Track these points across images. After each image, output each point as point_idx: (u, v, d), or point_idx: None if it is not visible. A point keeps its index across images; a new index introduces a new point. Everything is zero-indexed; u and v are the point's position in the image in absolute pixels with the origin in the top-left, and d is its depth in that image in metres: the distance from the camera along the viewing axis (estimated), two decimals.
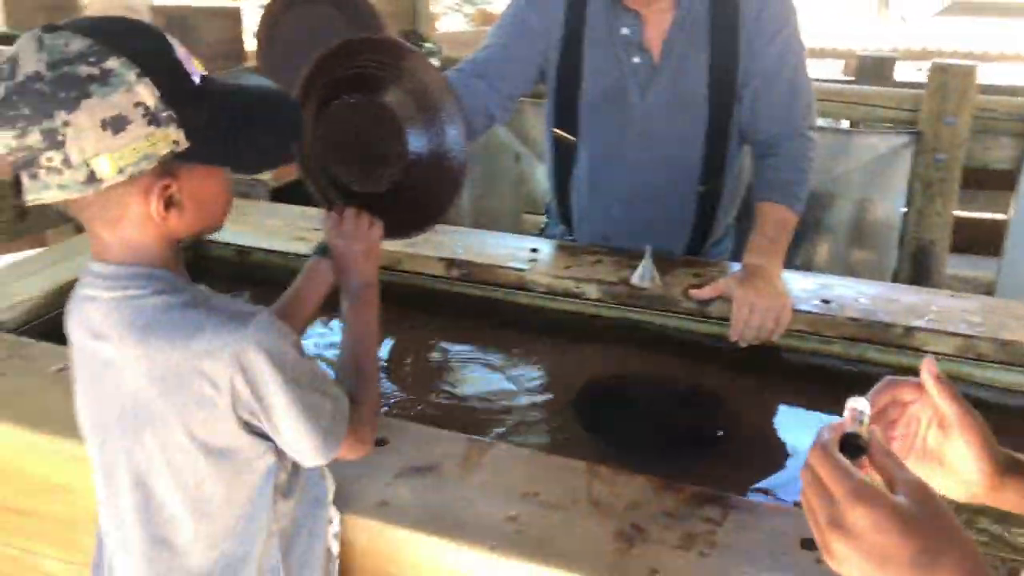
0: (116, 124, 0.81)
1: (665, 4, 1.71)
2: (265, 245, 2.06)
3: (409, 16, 3.28)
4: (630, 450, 1.44)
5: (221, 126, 0.90)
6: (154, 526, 0.97)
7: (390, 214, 1.27)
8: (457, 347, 1.79)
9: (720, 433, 1.55)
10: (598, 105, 1.83)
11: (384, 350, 1.71)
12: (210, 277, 1.08)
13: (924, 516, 0.61)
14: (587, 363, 1.71)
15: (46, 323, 1.63)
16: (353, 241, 1.19)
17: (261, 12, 2.96)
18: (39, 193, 0.83)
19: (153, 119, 0.83)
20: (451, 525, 1.09)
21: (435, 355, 1.78)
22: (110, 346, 0.92)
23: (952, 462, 0.76)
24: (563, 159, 1.94)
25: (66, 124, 0.80)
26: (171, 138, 0.85)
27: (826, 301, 1.68)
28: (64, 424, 1.25)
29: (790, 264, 1.74)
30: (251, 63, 3.12)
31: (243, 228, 2.09)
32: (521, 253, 1.90)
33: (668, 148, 1.82)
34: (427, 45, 3.18)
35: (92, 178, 0.83)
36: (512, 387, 1.63)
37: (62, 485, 1.31)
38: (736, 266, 1.76)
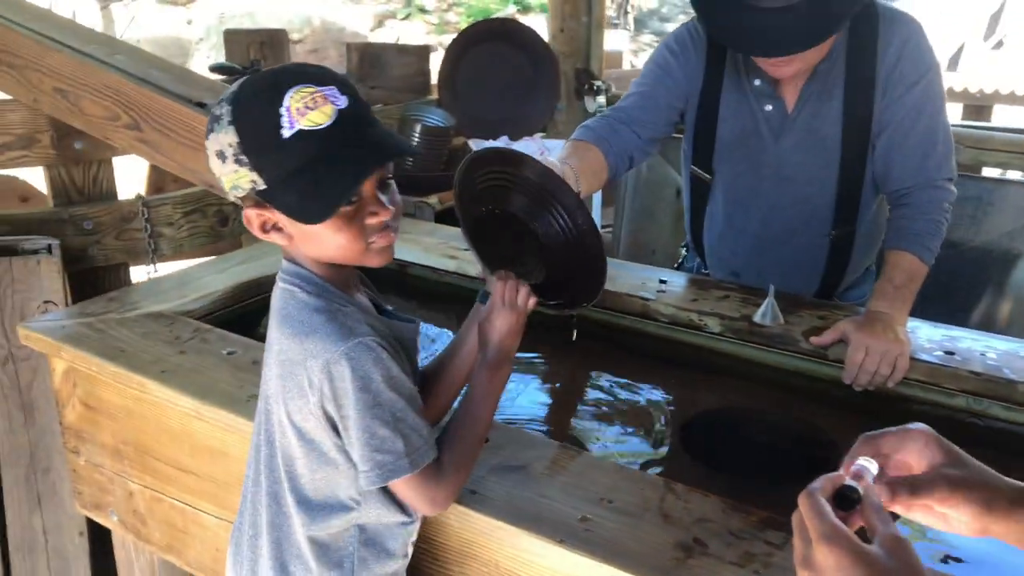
0: (221, 156, 1.03)
1: (804, 69, 1.76)
2: (422, 260, 2.27)
3: (583, 56, 3.44)
4: (733, 480, 1.49)
5: (289, 179, 1.01)
6: (272, 482, 1.16)
7: (548, 294, 1.29)
8: (576, 367, 1.91)
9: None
10: (733, 146, 1.91)
11: None
12: (376, 285, 1.26)
13: (891, 567, 0.65)
14: (700, 394, 1.78)
15: (226, 314, 1.91)
16: (505, 311, 1.19)
17: (444, 50, 3.23)
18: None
19: (237, 159, 1.02)
20: (530, 518, 1.20)
21: (553, 371, 1.91)
22: (271, 327, 1.14)
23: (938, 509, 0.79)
24: (698, 196, 2.03)
25: (207, 146, 1.05)
26: (249, 177, 1.02)
27: (950, 353, 1.66)
28: (227, 398, 1.50)
29: (964, 322, 1.73)
30: (434, 96, 3.39)
31: (404, 245, 2.31)
32: (651, 284, 1.99)
33: (800, 191, 1.86)
34: (597, 83, 3.33)
35: (224, 190, 1.07)
36: (623, 408, 1.72)
37: (220, 450, 1.54)
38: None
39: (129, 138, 2.05)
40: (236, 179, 1.03)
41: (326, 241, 1.07)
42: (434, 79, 3.40)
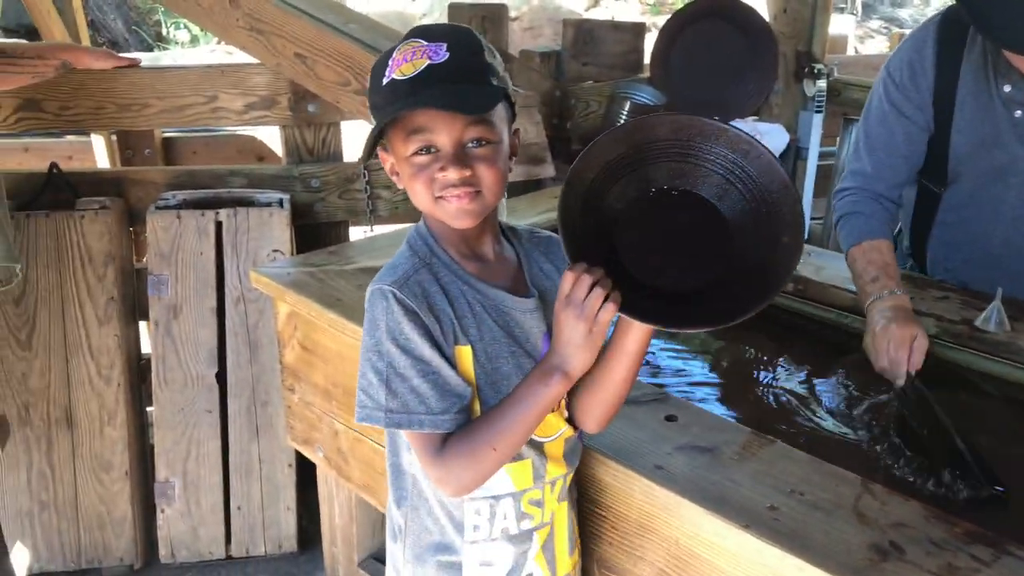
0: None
1: None
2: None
3: (806, 38, 3.29)
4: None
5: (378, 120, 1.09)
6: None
7: (681, 305, 1.04)
8: (773, 354, 1.85)
9: None
10: (972, 156, 1.79)
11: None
12: None
13: None
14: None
15: None
16: (573, 312, 1.01)
17: (660, 27, 3.19)
18: None
19: (370, 104, 1.12)
20: (715, 499, 1.19)
21: (749, 358, 1.86)
22: None
23: None
24: (924, 207, 1.93)
25: None
26: (375, 120, 1.09)
27: None
28: None
29: None
30: (646, 74, 3.36)
31: None
32: None
33: None
34: (818, 67, 3.18)
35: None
36: (818, 404, 1.66)
37: None
38: None
39: (357, 103, 2.19)
40: (373, 118, 1.12)
41: (408, 187, 1.11)
42: (647, 58, 3.37)
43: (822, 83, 3.14)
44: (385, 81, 1.07)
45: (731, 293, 1.04)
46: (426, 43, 1.06)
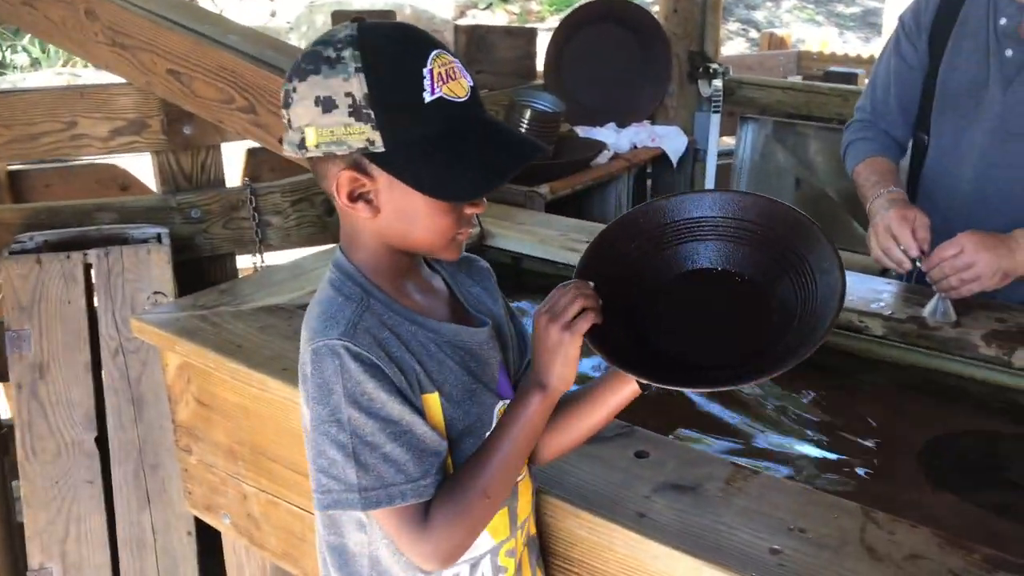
0: (326, 104, 0.87)
1: None
2: (539, 253, 2.14)
3: (697, 38, 3.26)
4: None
5: (422, 148, 0.89)
6: None
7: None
8: None
9: None
10: (957, 98, 1.75)
11: None
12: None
13: None
14: (859, 403, 1.60)
15: None
16: (552, 318, 0.93)
17: (552, 32, 3.09)
18: (284, 147, 0.94)
19: (355, 111, 0.87)
20: (710, 547, 1.05)
21: None
22: None
23: None
24: (916, 162, 1.89)
25: (295, 90, 0.89)
26: (366, 135, 0.87)
27: None
28: None
29: None
30: (540, 80, 3.25)
31: (519, 236, 2.18)
32: None
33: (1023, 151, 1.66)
34: (712, 66, 3.14)
35: (302, 144, 0.90)
36: (771, 420, 1.56)
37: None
38: None
39: (244, 122, 1.96)
40: (344, 134, 0.88)
41: (419, 222, 0.94)
42: (540, 63, 3.26)
43: (718, 83, 3.11)
44: (430, 98, 0.88)
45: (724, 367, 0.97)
46: (451, 57, 0.91)
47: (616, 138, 3.08)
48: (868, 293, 1.75)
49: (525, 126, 2.74)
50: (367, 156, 0.90)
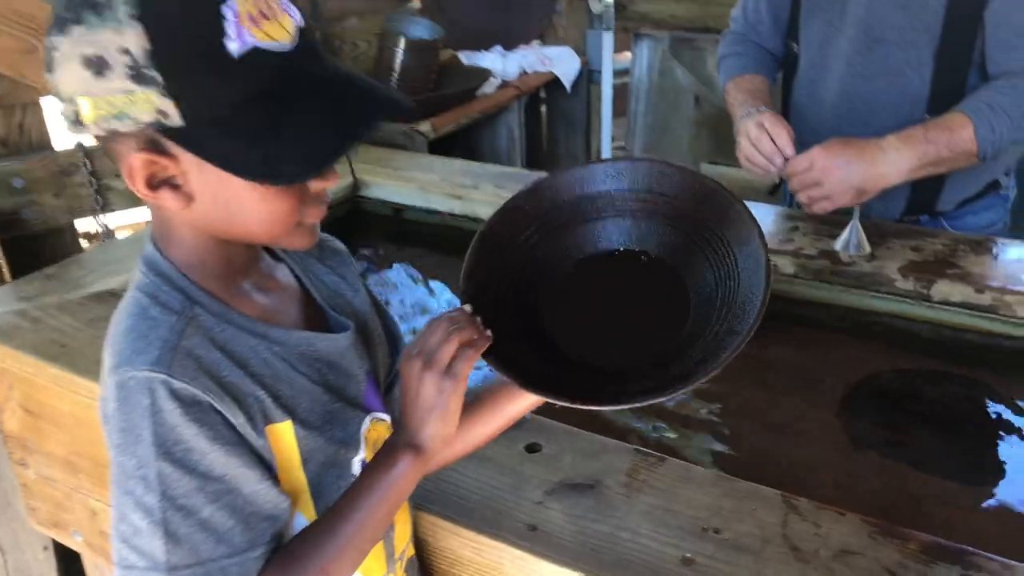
0: (98, 65, 0.64)
1: None
2: (422, 203, 1.92)
3: None
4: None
5: (231, 118, 0.67)
6: None
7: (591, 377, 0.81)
8: None
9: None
10: (818, 5, 1.60)
11: None
12: (366, 236, 0.92)
13: None
14: (771, 349, 1.46)
15: None
16: (424, 364, 0.75)
17: None
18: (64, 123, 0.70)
19: (136, 74, 0.64)
20: (613, 562, 0.90)
21: None
22: None
23: None
24: (787, 74, 1.74)
25: (55, 48, 0.65)
26: (154, 105, 0.65)
27: None
28: None
29: None
30: (415, 3, 2.97)
31: (398, 183, 1.96)
32: None
33: (890, 57, 1.50)
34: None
35: (77, 119, 0.67)
36: None
37: None
38: (1005, 243, 1.49)
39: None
40: (126, 104, 0.65)
41: (247, 211, 0.72)
42: None
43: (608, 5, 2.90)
44: (237, 49, 0.65)
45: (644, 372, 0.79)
46: None
47: (503, 64, 2.84)
48: (774, 227, 1.60)
49: (400, 57, 2.49)
50: (162, 131, 0.67)
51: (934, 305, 1.42)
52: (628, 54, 3.25)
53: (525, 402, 0.84)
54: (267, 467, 0.74)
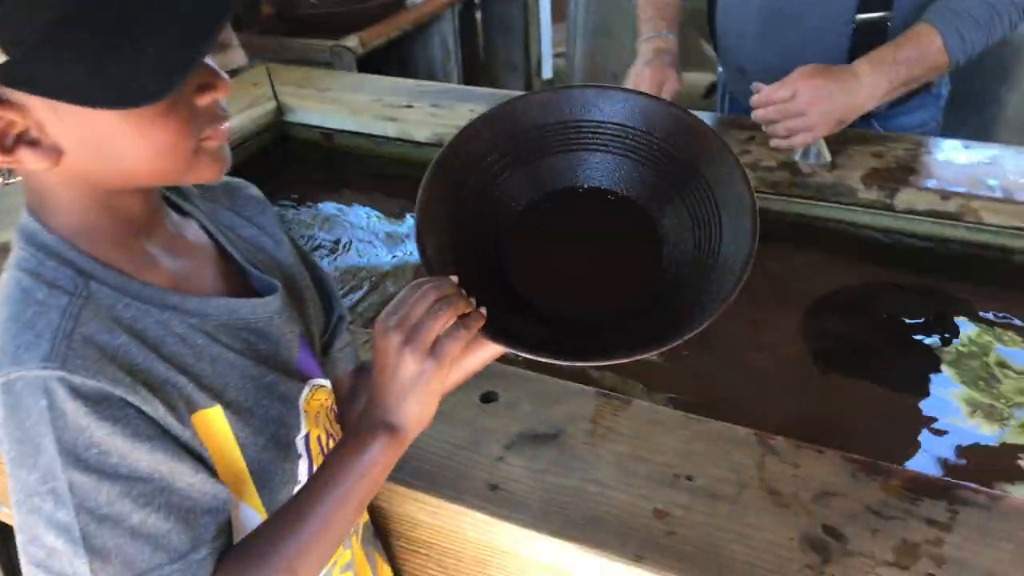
0: None
1: None
2: (352, 126, 1.79)
3: None
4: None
5: (58, 36, 0.54)
6: None
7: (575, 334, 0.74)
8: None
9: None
10: None
11: None
12: (295, 164, 0.80)
13: None
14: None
15: None
16: (405, 341, 0.65)
17: None
18: None
19: None
20: (582, 521, 0.83)
21: None
22: None
23: None
24: None
25: None
26: None
27: None
28: None
29: None
30: None
31: (324, 106, 1.81)
32: None
33: None
34: None
35: None
36: None
37: None
38: (943, 141, 1.42)
39: None
40: None
41: (127, 150, 0.60)
42: None
43: None
44: None
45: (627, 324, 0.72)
46: None
47: None
48: (727, 138, 1.52)
49: None
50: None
51: (899, 215, 1.36)
52: None
53: (489, 355, 0.74)
54: (199, 458, 0.65)
